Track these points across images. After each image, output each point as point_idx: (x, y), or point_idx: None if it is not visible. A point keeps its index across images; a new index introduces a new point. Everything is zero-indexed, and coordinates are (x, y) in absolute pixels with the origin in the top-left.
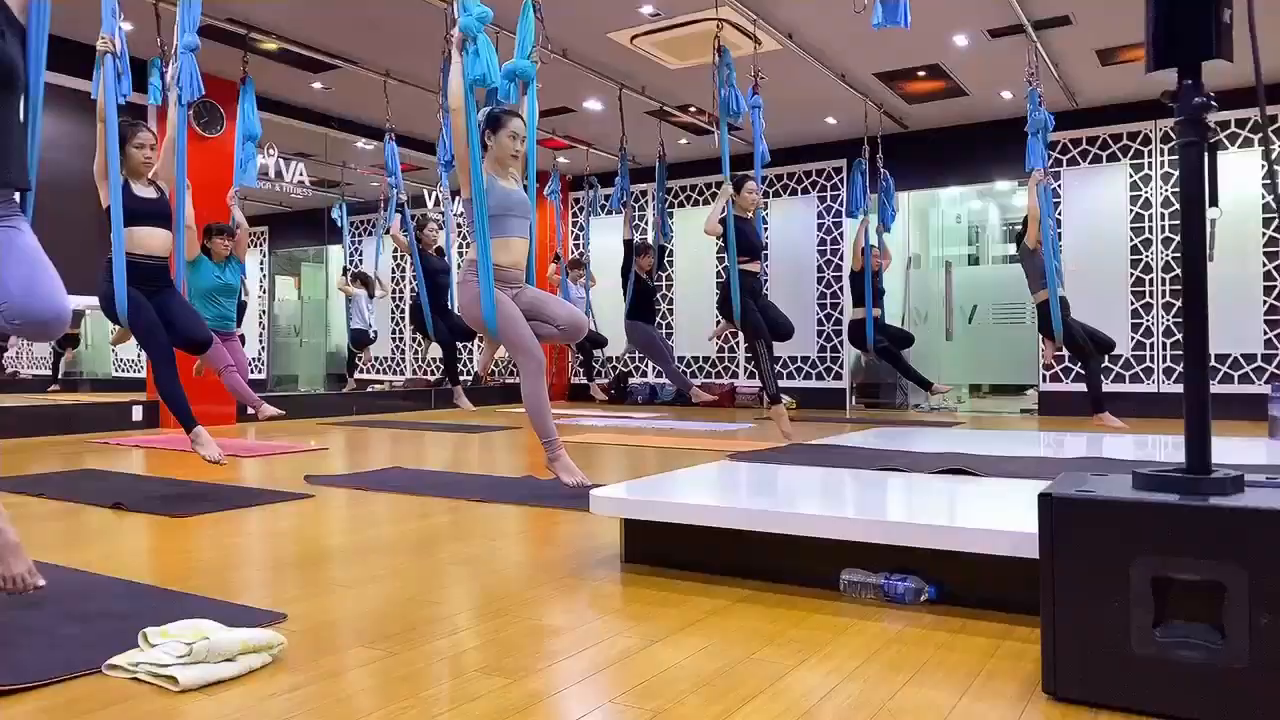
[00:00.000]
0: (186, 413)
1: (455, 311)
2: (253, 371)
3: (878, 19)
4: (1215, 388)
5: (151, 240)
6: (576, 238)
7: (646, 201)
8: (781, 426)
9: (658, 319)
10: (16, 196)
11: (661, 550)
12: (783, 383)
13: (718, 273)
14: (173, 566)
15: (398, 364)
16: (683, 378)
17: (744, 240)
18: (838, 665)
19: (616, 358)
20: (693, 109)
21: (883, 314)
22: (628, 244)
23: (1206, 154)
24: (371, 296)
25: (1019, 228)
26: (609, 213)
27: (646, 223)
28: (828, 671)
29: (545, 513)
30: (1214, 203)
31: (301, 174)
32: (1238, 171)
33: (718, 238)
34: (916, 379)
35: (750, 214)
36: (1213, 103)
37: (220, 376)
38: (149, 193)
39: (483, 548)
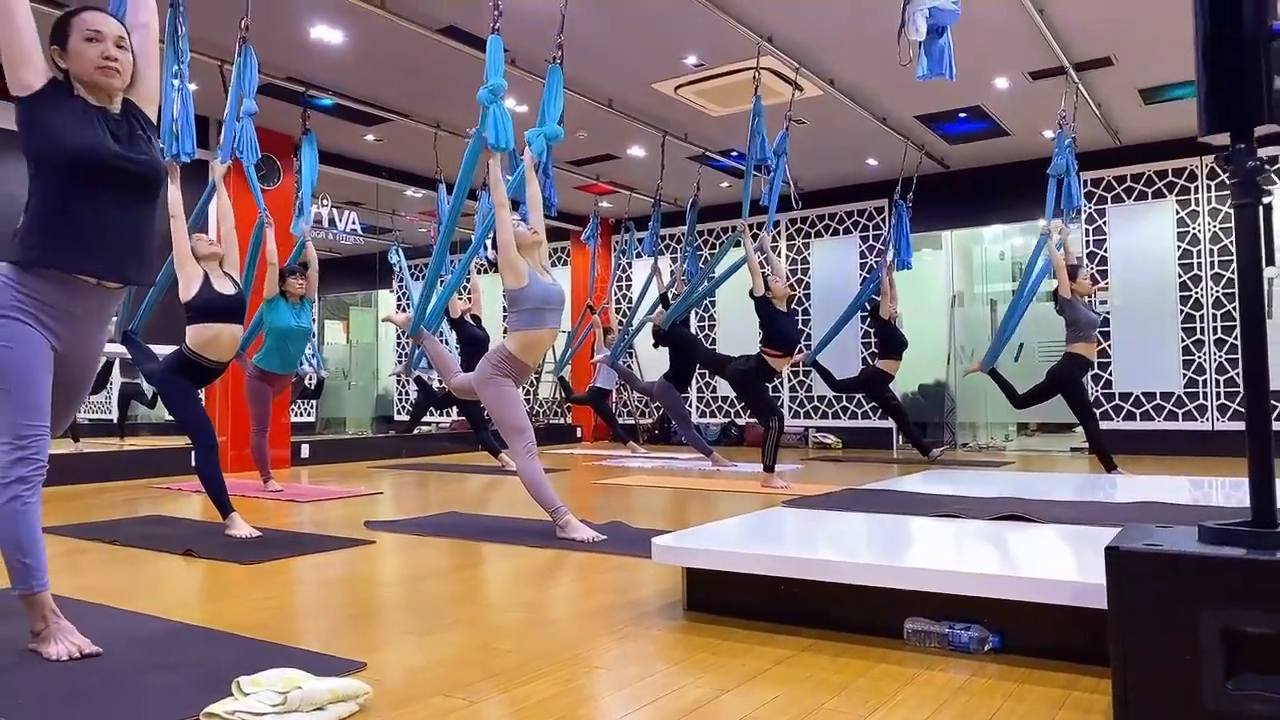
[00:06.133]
0: (225, 500)
1: None
2: (302, 414)
3: (923, 70)
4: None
5: (229, 342)
6: (619, 281)
7: (686, 245)
8: (772, 487)
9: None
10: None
11: (723, 598)
12: (828, 422)
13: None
14: (247, 613)
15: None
16: (703, 443)
17: (777, 332)
18: (906, 716)
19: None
20: (734, 153)
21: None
22: (664, 298)
23: (1262, 214)
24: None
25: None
26: (638, 256)
27: (680, 265)
28: None
29: (601, 558)
30: (1270, 261)
31: (353, 222)
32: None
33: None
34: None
35: (788, 307)
36: (1266, 166)
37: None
38: (227, 288)
39: (545, 594)
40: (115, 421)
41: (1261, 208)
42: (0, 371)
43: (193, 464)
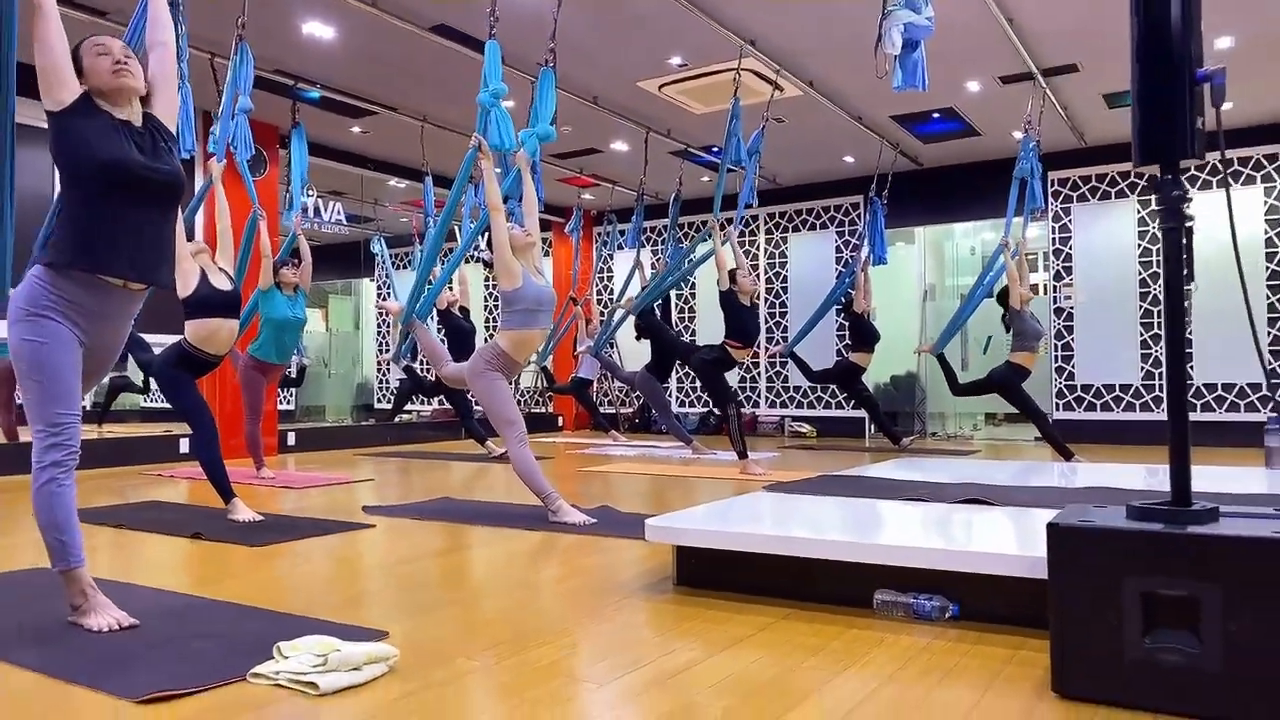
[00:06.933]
0: (226, 485)
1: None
2: (281, 403)
3: (898, 82)
4: (1220, 416)
5: (227, 336)
6: (600, 272)
7: (668, 238)
8: (750, 472)
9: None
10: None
11: (710, 574)
12: (802, 412)
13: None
14: (263, 591)
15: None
16: (683, 432)
17: (739, 325)
18: (875, 671)
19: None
20: (715, 149)
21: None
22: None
23: (1184, 237)
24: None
25: (1002, 291)
26: (620, 248)
27: (661, 258)
28: (868, 677)
29: (592, 540)
30: (1190, 279)
31: (339, 212)
32: (1242, 205)
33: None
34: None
35: (751, 302)
36: (1189, 196)
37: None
38: (223, 284)
39: (542, 573)
40: (93, 408)
41: (1184, 231)
42: (34, 365)
43: (192, 451)
